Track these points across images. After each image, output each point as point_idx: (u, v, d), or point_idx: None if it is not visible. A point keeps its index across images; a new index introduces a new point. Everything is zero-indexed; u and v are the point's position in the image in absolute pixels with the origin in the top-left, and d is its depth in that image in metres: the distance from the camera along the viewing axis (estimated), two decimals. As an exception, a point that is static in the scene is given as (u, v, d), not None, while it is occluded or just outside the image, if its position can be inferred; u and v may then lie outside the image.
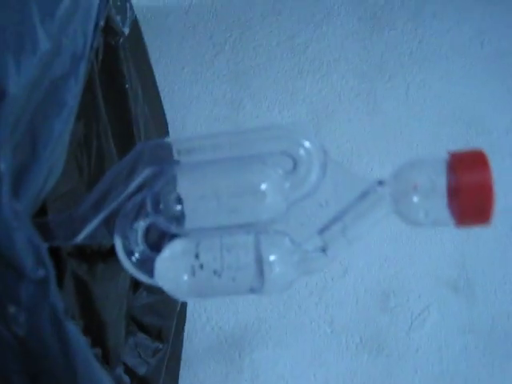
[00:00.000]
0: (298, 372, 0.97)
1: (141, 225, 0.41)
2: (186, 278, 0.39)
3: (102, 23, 0.54)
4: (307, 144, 0.39)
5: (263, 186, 0.39)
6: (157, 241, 0.41)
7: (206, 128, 1.08)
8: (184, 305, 0.82)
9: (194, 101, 1.10)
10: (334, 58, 1.12)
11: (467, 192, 0.35)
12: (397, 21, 1.13)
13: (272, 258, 0.39)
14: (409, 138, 1.06)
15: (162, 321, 0.64)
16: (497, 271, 1.00)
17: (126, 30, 0.68)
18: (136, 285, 0.61)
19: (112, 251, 0.44)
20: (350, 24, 1.13)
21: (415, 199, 0.37)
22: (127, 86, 0.65)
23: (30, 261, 0.32)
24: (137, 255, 0.41)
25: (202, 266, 0.39)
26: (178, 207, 0.41)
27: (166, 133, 0.82)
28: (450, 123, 1.07)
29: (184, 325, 0.84)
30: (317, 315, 1.00)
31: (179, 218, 0.41)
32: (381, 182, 0.38)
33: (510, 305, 0.99)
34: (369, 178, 0.39)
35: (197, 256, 0.39)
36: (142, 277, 0.41)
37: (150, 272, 0.41)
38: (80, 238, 0.43)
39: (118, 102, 0.65)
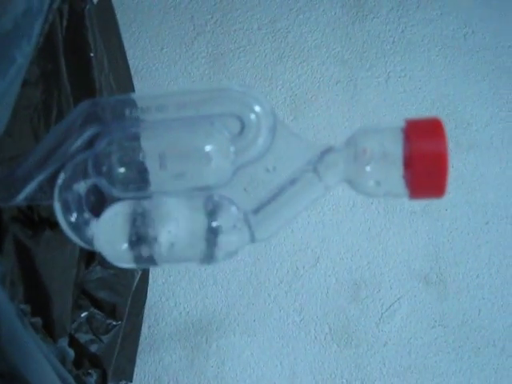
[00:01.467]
0: (264, 360, 0.96)
1: (82, 185, 0.39)
2: (124, 243, 0.37)
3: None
4: (258, 108, 0.37)
5: (208, 148, 0.37)
6: (97, 204, 0.39)
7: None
8: (143, 283, 0.80)
9: (171, 82, 1.08)
10: (315, 45, 1.10)
11: (421, 161, 0.34)
12: (381, 9, 1.12)
13: (216, 224, 0.37)
14: (387, 128, 1.05)
15: (116, 297, 0.62)
16: (469, 265, 0.99)
17: (95, -2, 0.66)
18: (90, 259, 0.59)
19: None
20: (332, 11, 1.12)
21: (367, 167, 0.35)
22: (92, 54, 0.63)
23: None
24: (77, 218, 0.39)
25: (139, 232, 0.37)
26: (122, 170, 0.39)
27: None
28: (430, 114, 1.05)
29: (144, 304, 0.82)
30: (286, 304, 0.98)
31: (123, 181, 0.39)
32: (332, 148, 0.36)
33: (481, 300, 0.98)
34: (321, 144, 0.37)
35: (135, 221, 0.37)
36: (80, 240, 0.39)
37: (90, 237, 0.39)
38: (20, 198, 0.41)
39: (81, 70, 0.63)
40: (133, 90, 0.78)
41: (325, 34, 1.10)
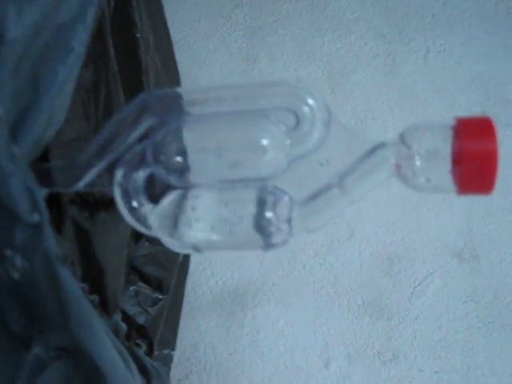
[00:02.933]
0: (298, 330, 0.98)
1: (140, 174, 0.41)
2: (182, 230, 0.39)
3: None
4: (311, 102, 0.38)
5: (264, 142, 0.38)
6: (156, 191, 0.41)
7: (219, 82, 1.07)
8: (187, 257, 0.83)
9: (209, 54, 1.09)
10: (354, 17, 1.09)
11: (470, 160, 0.35)
12: (422, -19, 1.10)
13: (270, 214, 0.39)
14: (424, 104, 1.05)
15: (162, 272, 0.65)
16: (503, 242, 1.00)
17: (140, -23, 0.67)
18: (138, 235, 0.62)
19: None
20: (372, -18, 1.10)
21: (418, 163, 0.36)
22: (138, 34, 0.65)
23: (24, 205, 0.32)
24: (135, 205, 0.41)
25: (198, 220, 0.39)
26: (179, 159, 0.40)
27: (178, 84, 0.82)
28: (468, 91, 1.05)
29: (186, 277, 0.85)
30: (320, 276, 1.00)
31: (180, 170, 0.41)
32: (383, 144, 0.37)
33: (515, 276, 0.99)
34: (372, 139, 0.38)
35: (194, 209, 0.39)
36: (140, 227, 0.41)
37: (148, 222, 0.41)
38: (80, 185, 0.43)
39: (128, 50, 0.65)
40: (176, 69, 0.79)
41: (364, 7, 1.09)
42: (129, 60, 0.65)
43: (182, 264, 0.71)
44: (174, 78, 0.80)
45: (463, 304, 0.98)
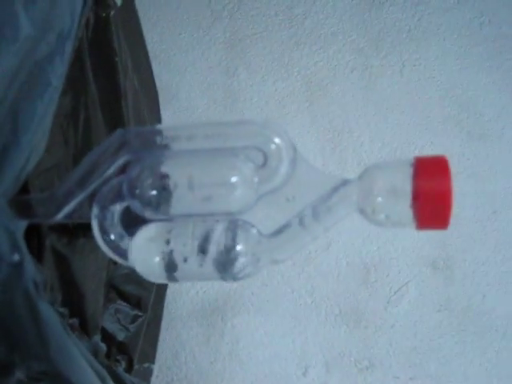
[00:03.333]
0: (276, 339, 1.00)
1: (117, 208, 0.43)
2: (156, 261, 0.41)
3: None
4: (278, 140, 0.40)
5: (234, 179, 0.40)
6: (132, 224, 0.43)
7: (199, 94, 1.09)
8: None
9: (189, 67, 1.11)
10: (331, 32, 1.12)
11: (427, 198, 0.37)
12: (398, -4, 1.13)
13: (240, 247, 0.41)
14: (400, 117, 1.07)
15: (141, 290, 0.67)
16: (476, 253, 1.03)
17: (119, 1, 0.68)
18: (117, 255, 0.63)
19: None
20: (350, -3, 1.13)
21: (378, 201, 0.38)
22: (117, 59, 0.66)
23: (5, 246, 0.34)
24: (112, 236, 0.43)
25: (171, 252, 0.41)
26: (154, 193, 0.42)
27: (157, 103, 0.83)
28: (443, 104, 1.08)
29: (165, 292, 0.87)
30: (298, 285, 1.03)
31: (155, 204, 0.43)
32: (347, 182, 0.40)
33: (486, 286, 1.02)
34: (336, 176, 0.40)
35: (168, 242, 0.41)
36: (117, 258, 0.43)
37: (125, 253, 0.43)
38: (59, 216, 0.44)
39: (106, 74, 0.66)
40: (155, 89, 0.81)
41: (342, 21, 1.11)
42: (107, 84, 0.66)
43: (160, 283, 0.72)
44: (153, 100, 0.81)
45: (437, 312, 1.01)
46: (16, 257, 0.35)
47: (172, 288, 1.00)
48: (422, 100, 1.07)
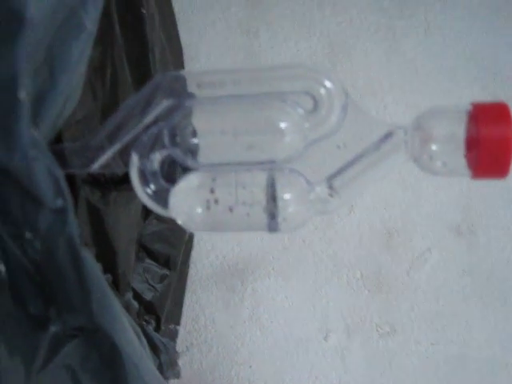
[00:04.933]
0: (297, 303, 1.00)
1: (157, 156, 0.41)
2: (200, 211, 0.40)
3: None
4: (329, 84, 0.38)
5: (282, 125, 0.38)
6: (172, 173, 0.42)
7: (219, 55, 1.06)
8: (192, 234, 0.84)
9: (208, 27, 1.08)
10: (354, -9, 1.08)
11: (486, 144, 0.35)
12: (424, -46, 1.09)
13: (287, 196, 0.39)
14: (424, 79, 1.04)
15: (170, 249, 0.65)
16: (500, 218, 1.01)
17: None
18: (146, 213, 0.62)
19: (125, 179, 0.44)
20: (374, -45, 1.09)
21: (433, 148, 0.37)
22: (144, 11, 0.64)
23: (49, 191, 0.32)
24: (152, 186, 0.41)
25: (216, 201, 0.39)
26: (195, 140, 0.41)
27: (181, 61, 0.81)
28: (468, 66, 1.05)
29: (190, 253, 0.86)
30: (320, 250, 1.01)
31: (195, 152, 0.41)
32: (401, 128, 0.38)
33: (510, 251, 1.00)
34: (388, 122, 0.38)
35: (212, 191, 0.39)
36: (157, 208, 0.41)
37: (164, 203, 0.41)
38: (94, 166, 0.43)
39: (134, 27, 0.64)
40: (180, 47, 0.78)
41: (365, -20, 1.08)
42: (134, 37, 0.64)
43: (188, 240, 0.71)
44: (178, 55, 0.79)
45: (460, 277, 1.00)
46: (59, 202, 0.33)
47: (192, 252, 0.99)
48: (447, 62, 1.05)
